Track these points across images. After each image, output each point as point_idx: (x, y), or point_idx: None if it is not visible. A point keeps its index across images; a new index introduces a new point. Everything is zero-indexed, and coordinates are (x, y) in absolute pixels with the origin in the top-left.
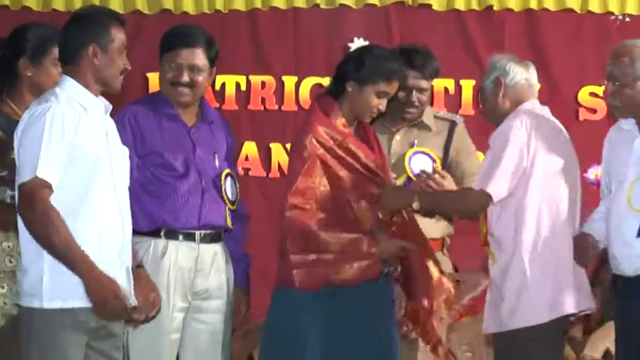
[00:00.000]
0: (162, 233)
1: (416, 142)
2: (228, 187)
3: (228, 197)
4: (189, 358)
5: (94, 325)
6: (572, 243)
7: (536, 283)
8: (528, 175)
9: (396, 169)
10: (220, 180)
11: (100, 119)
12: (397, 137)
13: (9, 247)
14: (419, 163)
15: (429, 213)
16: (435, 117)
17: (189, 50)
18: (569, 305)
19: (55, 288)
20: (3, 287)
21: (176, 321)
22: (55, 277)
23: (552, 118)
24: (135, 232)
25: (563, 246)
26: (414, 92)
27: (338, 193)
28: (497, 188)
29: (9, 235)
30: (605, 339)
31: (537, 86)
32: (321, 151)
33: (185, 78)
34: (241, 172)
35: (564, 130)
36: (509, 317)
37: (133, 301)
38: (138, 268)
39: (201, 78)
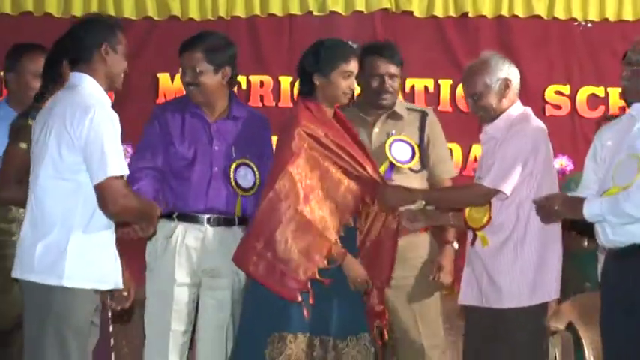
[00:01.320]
0: (174, 216)
1: (394, 132)
2: (240, 176)
3: (238, 185)
4: (201, 330)
5: (96, 304)
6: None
7: (530, 268)
8: (535, 174)
9: (377, 157)
10: (229, 169)
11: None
12: (376, 130)
13: None
14: (399, 150)
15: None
16: (407, 109)
17: (189, 53)
18: (555, 292)
19: (74, 270)
20: None
21: (183, 295)
22: (74, 260)
23: None
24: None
25: (555, 236)
26: (387, 78)
27: (322, 185)
28: (510, 187)
29: None
30: (570, 312)
31: None
32: (306, 143)
33: (187, 78)
34: None
35: None
36: (499, 296)
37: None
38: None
39: (202, 78)
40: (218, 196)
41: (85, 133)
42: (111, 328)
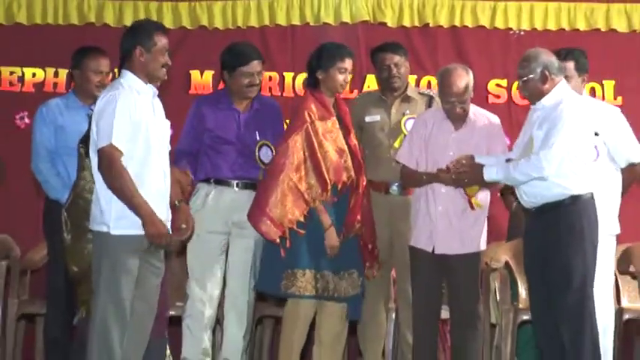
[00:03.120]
0: (211, 181)
1: (407, 111)
2: (262, 154)
3: (261, 160)
4: (231, 268)
5: (145, 247)
6: None
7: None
8: None
9: (393, 131)
10: (255, 148)
11: (149, 100)
12: (393, 110)
13: None
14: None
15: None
16: (419, 93)
17: (258, 62)
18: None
19: (119, 219)
20: None
21: (218, 240)
22: (119, 211)
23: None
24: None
25: None
26: (392, 67)
27: (312, 159)
28: None
29: None
30: (505, 253)
31: None
32: (308, 122)
33: (254, 80)
34: None
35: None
36: (483, 241)
37: (168, 228)
38: (180, 202)
39: (259, 80)
40: (244, 168)
41: (101, 106)
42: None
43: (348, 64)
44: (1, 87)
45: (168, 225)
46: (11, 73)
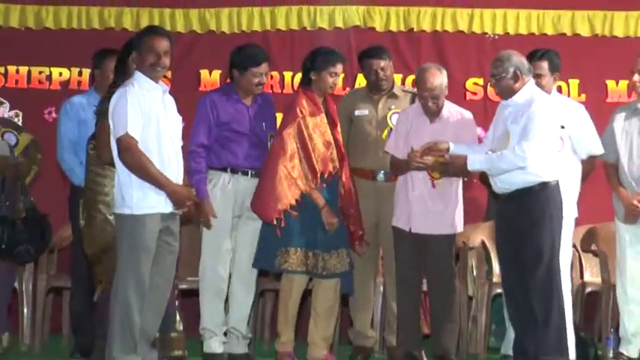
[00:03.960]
0: (228, 169)
1: (393, 106)
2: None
3: None
4: (240, 245)
5: (162, 227)
6: None
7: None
8: None
9: (380, 124)
10: (267, 138)
11: (159, 97)
12: (380, 105)
13: None
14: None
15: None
16: (402, 90)
17: (266, 65)
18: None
19: (139, 201)
20: None
21: (230, 223)
22: (138, 195)
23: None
24: (211, 168)
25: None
26: (379, 71)
27: (302, 150)
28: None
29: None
30: (481, 233)
31: None
32: (300, 117)
33: (263, 80)
34: None
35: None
36: (458, 224)
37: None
38: (187, 185)
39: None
40: (258, 157)
41: (114, 101)
42: None
43: (338, 68)
44: (32, 85)
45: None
46: (40, 72)
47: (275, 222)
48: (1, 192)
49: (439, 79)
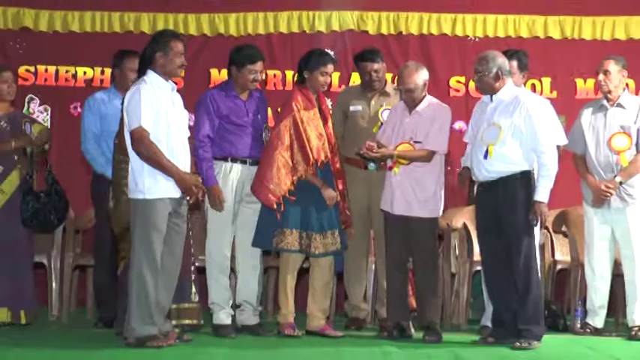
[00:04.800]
0: (229, 159)
1: (384, 103)
2: (265, 134)
3: (265, 140)
4: (244, 226)
5: (171, 210)
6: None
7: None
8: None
9: (372, 119)
10: (262, 131)
11: (168, 94)
12: (372, 102)
13: None
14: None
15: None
16: (394, 89)
17: (262, 63)
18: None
19: (150, 187)
20: None
21: (233, 207)
22: (150, 181)
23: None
24: (214, 158)
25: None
26: (372, 73)
27: (297, 140)
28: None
29: None
30: (463, 216)
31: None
32: (295, 111)
33: (258, 77)
34: None
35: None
36: (437, 208)
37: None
38: (195, 174)
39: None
40: (256, 147)
41: (129, 97)
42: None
43: (329, 68)
44: (59, 82)
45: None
46: (66, 71)
47: (275, 207)
48: (30, 166)
49: (414, 75)
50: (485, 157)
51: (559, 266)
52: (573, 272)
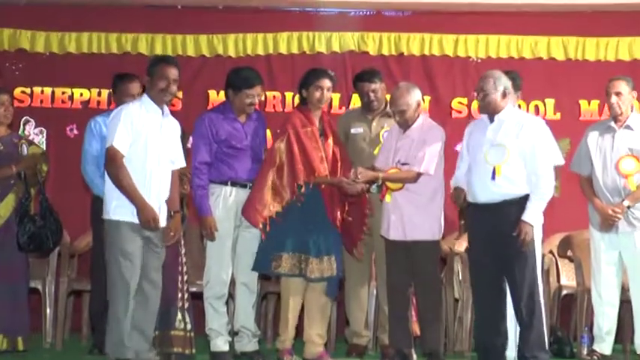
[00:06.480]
0: (229, 183)
1: (385, 124)
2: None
3: None
4: (242, 251)
5: (146, 234)
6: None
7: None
8: (442, 157)
9: (373, 141)
10: (262, 152)
11: (157, 119)
12: (374, 124)
13: None
14: None
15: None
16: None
17: (260, 87)
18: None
19: (117, 208)
20: None
21: (232, 232)
22: (118, 202)
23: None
24: (213, 182)
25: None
26: (371, 94)
27: (289, 163)
28: (433, 168)
29: None
30: (466, 240)
31: (428, 98)
32: (291, 131)
33: (255, 100)
34: None
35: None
36: (434, 231)
37: (162, 223)
38: (175, 213)
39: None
40: (255, 170)
41: (112, 115)
42: (183, 250)
43: (323, 82)
44: (55, 104)
45: (162, 222)
46: (63, 92)
47: (260, 226)
48: (25, 188)
49: (406, 96)
50: (493, 177)
51: (565, 291)
52: (579, 297)
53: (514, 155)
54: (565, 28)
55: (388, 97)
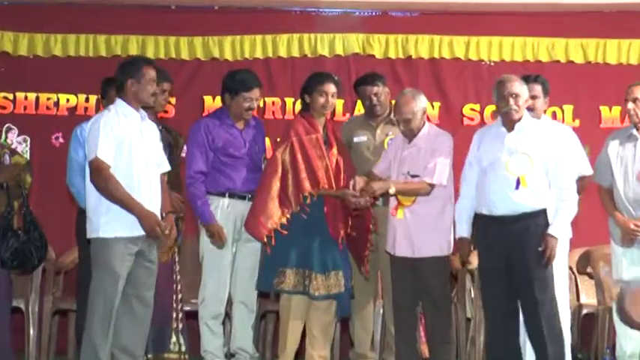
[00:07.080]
0: (226, 194)
1: (390, 132)
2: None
3: None
4: (240, 267)
5: (138, 249)
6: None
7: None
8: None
9: (377, 150)
10: (261, 161)
11: (137, 123)
12: (378, 131)
13: None
14: None
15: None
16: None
17: (259, 90)
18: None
19: (106, 225)
20: None
21: (230, 246)
22: (107, 218)
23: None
24: (210, 193)
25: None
26: (373, 97)
27: (292, 171)
28: (445, 179)
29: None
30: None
31: (438, 104)
32: (294, 139)
33: (253, 105)
34: None
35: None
36: (442, 246)
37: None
38: (167, 214)
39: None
40: (254, 180)
41: (89, 127)
42: (177, 267)
43: (327, 87)
44: (39, 111)
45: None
46: (48, 98)
47: (265, 240)
48: (7, 200)
49: (412, 104)
50: (517, 187)
51: (585, 310)
52: (601, 317)
53: (537, 165)
54: (584, 29)
55: (393, 102)
